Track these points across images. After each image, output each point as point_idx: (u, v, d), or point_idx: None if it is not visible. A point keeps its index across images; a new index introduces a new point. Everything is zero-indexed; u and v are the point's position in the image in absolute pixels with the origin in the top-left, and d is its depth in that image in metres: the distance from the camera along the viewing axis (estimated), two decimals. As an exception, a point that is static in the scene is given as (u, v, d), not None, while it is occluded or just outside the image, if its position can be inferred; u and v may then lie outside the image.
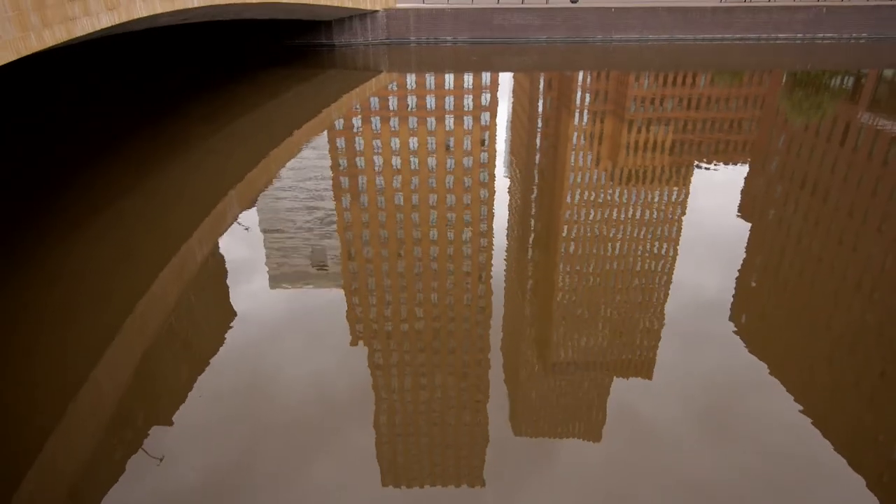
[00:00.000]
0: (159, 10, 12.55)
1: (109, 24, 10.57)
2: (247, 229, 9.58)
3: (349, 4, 27.48)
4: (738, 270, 7.99)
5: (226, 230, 9.62)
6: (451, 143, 14.39)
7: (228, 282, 7.95)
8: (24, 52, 8.07)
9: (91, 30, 9.92)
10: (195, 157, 13.64)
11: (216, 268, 8.46)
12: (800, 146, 14.51)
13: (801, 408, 5.35)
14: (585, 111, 18.86)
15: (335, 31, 30.34)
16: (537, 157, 13.59)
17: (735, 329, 6.61)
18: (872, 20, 31.33)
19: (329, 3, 25.23)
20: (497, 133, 15.64)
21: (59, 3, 8.81)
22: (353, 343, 6.47)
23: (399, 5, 32.50)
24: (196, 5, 14.48)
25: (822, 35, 31.41)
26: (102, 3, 10.31)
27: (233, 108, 18.44)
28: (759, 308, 7.14)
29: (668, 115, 17.67)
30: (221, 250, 8.98)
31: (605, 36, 31.41)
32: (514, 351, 6.38)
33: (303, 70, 25.57)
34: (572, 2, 34.84)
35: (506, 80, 24.25)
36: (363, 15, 30.17)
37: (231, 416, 5.31)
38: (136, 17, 11.51)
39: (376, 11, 30.47)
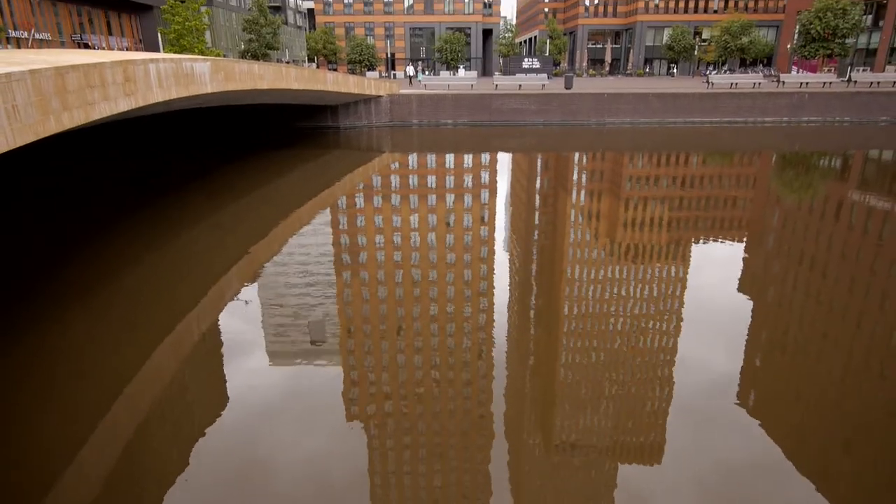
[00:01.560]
0: (174, 96, 13.17)
1: (127, 109, 11.07)
2: (246, 304, 9.54)
3: (355, 90, 28.94)
4: (744, 347, 7.87)
5: (226, 305, 9.59)
6: (452, 220, 14.64)
7: (225, 358, 7.81)
8: (43, 135, 8.39)
9: (108, 114, 10.37)
10: (200, 232, 13.84)
11: (213, 344, 8.35)
12: (794, 223, 14.76)
13: (820, 496, 5.09)
14: (582, 190, 19.35)
15: (341, 115, 31.73)
16: (536, 233, 13.79)
17: (744, 409, 6.42)
18: (853, 105, 32.86)
19: (336, 90, 26.58)
20: (496, 210, 15.97)
21: (80, 89, 9.27)
22: (350, 422, 6.26)
23: (402, 91, 34.22)
24: (209, 91, 15.23)
25: (806, 119, 32.82)
26: (121, 89, 10.84)
27: (240, 186, 18.95)
28: (768, 386, 6.97)
29: (664, 193, 18.12)
30: (220, 325, 8.90)
31: (598, 119, 32.82)
32: (517, 432, 6.16)
33: (309, 150, 26.52)
34: (567, 88, 36.68)
35: (504, 160, 25.08)
36: (368, 100, 31.68)
37: (221, 502, 5.05)
38: (151, 101, 12.07)
39: (380, 97, 32.03)
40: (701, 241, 13.07)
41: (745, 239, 13.39)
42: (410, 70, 51.94)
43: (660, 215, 15.20)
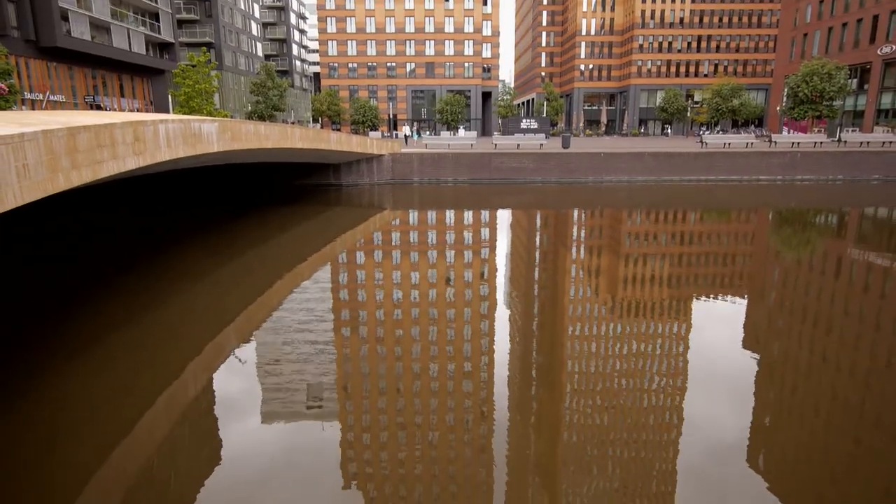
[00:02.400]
0: (181, 155, 13.49)
1: (134, 167, 11.31)
2: (242, 362, 9.39)
3: (357, 150, 29.66)
4: (752, 407, 7.68)
5: (222, 364, 9.44)
6: (452, 277, 14.65)
7: (219, 418, 7.62)
8: (51, 192, 8.53)
9: (116, 171, 10.58)
10: (199, 289, 13.81)
11: (207, 404, 8.16)
12: (795, 280, 14.75)
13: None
14: (582, 246, 19.47)
15: (343, 173, 32.37)
16: (537, 290, 13.75)
17: (755, 471, 6.19)
18: (845, 164, 33.58)
19: (339, 149, 27.25)
20: (497, 266, 16.00)
21: (90, 148, 9.51)
22: (346, 487, 6.03)
23: (403, 150, 35.06)
24: (216, 150, 15.61)
25: (800, 177, 33.45)
26: (130, 148, 11.12)
27: (241, 243, 19.08)
28: (779, 448, 6.75)
29: (663, 249, 18.21)
30: (215, 385, 8.73)
31: (596, 177, 33.45)
32: (521, 498, 5.92)
33: (310, 207, 26.89)
34: (564, 147, 37.60)
35: (504, 216, 25.38)
36: (370, 158, 32.41)
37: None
38: (159, 160, 12.35)
39: (382, 155, 32.79)
40: (703, 297, 13.02)
41: (746, 295, 13.35)
42: (407, 130, 53.54)
43: (660, 272, 15.22)
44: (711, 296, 13.09)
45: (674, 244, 19.23)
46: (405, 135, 52.13)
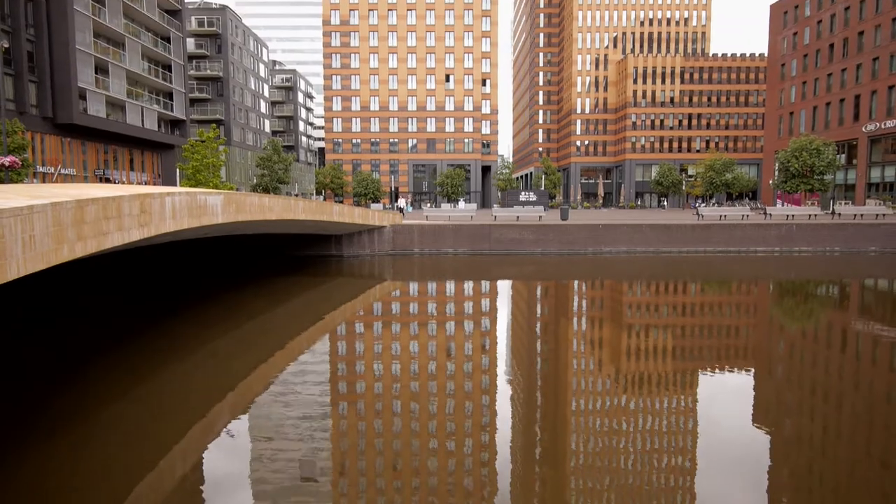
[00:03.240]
0: (185, 226, 13.69)
1: (139, 238, 11.45)
2: (233, 437, 9.07)
3: (359, 221, 30.13)
4: (766, 487, 7.33)
5: (213, 439, 9.11)
6: (452, 349, 14.44)
7: (207, 497, 7.25)
8: (54, 262, 8.59)
9: (120, 243, 10.70)
10: (195, 362, 13.57)
11: (195, 482, 7.80)
12: (801, 352, 14.52)
13: None
14: (583, 317, 19.33)
15: (344, 244, 32.70)
16: (539, 362, 13.51)
17: (776, 561, 5.81)
18: (842, 236, 33.97)
19: (341, 221, 27.68)
20: (497, 338, 15.81)
21: (97, 220, 9.67)
22: (341, 577, 5.64)
23: (404, 222, 35.60)
24: (220, 221, 15.86)
25: (797, 249, 33.73)
26: (136, 219, 11.30)
27: (240, 314, 18.96)
28: (798, 534, 6.38)
29: (665, 320, 18.07)
30: (204, 461, 8.38)
31: (595, 249, 33.75)
32: (526, 588, 5.52)
33: (311, 278, 26.94)
34: (563, 219, 38.19)
35: (504, 287, 25.37)
36: (371, 230, 32.85)
37: None
38: (164, 231, 12.52)
39: (383, 227, 33.26)
40: (709, 370, 12.77)
41: (753, 368, 13.09)
42: (401, 202, 54.68)
43: (664, 343, 15.01)
44: (717, 369, 12.83)
45: (676, 315, 19.10)
46: (399, 207, 53.03)
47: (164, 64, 56.01)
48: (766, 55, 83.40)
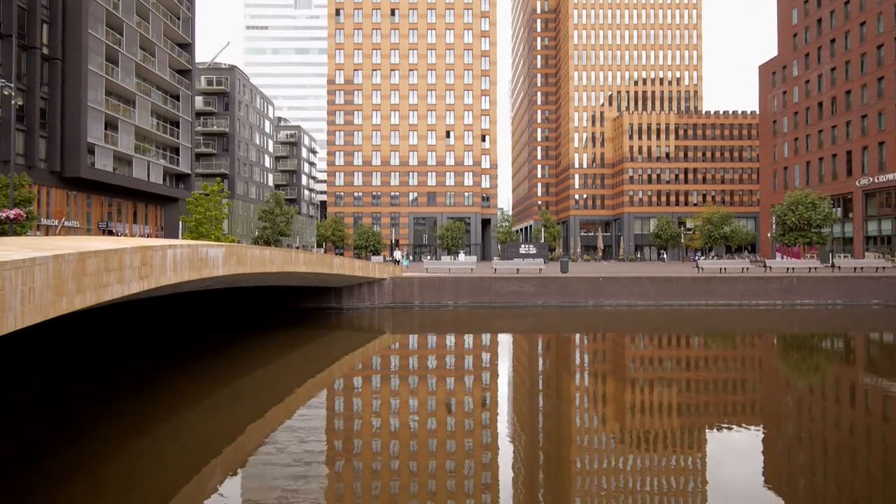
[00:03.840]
0: (186, 279, 13.68)
1: (138, 291, 11.41)
2: (226, 498, 8.72)
3: (359, 273, 30.14)
4: (782, 554, 6.99)
5: (209, 497, 8.76)
6: (453, 404, 14.12)
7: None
8: (51, 315, 8.52)
9: (119, 295, 10.66)
10: (189, 419, 13.24)
11: (186, 547, 7.44)
12: (810, 408, 14.19)
13: None
14: (586, 371, 19.00)
15: (344, 297, 32.59)
16: (541, 419, 13.18)
17: None
18: (843, 289, 33.89)
19: (341, 273, 27.70)
20: (498, 393, 15.48)
21: (98, 272, 9.67)
22: None
23: (404, 274, 35.61)
24: (220, 274, 15.86)
25: (799, 302, 33.58)
26: (137, 272, 11.31)
27: (238, 367, 18.66)
28: None
29: (669, 375, 17.75)
30: (196, 525, 8.03)
31: (596, 301, 33.60)
32: None
33: (310, 331, 26.69)
34: (563, 272, 38.22)
35: (505, 341, 25.09)
36: (371, 282, 32.82)
37: None
38: (164, 283, 12.49)
39: (384, 279, 33.25)
40: (716, 427, 12.43)
41: (761, 425, 12.75)
42: (397, 255, 54.78)
43: (668, 399, 14.69)
44: (725, 426, 12.50)
45: (680, 370, 18.78)
46: (395, 260, 52.96)
47: (172, 120, 57.59)
48: (757, 112, 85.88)
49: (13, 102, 27.95)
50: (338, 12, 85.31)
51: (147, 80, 53.17)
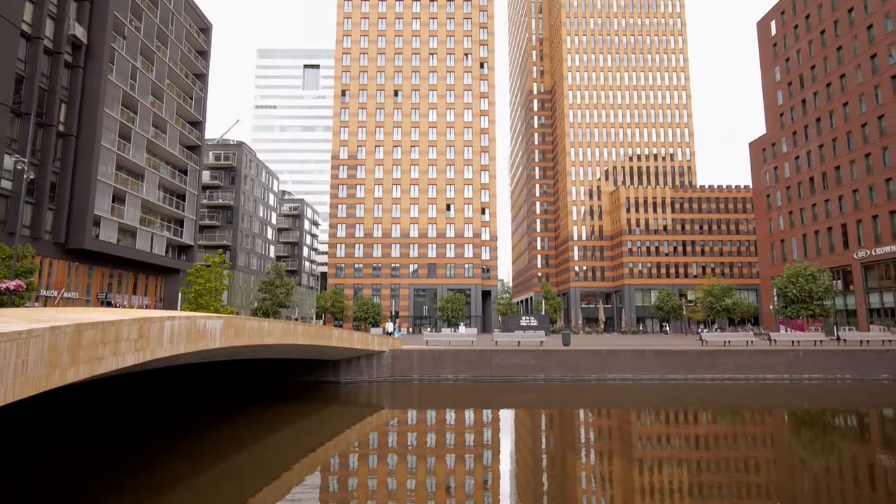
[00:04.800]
0: (182, 351, 13.47)
1: (133, 363, 11.20)
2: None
3: (358, 346, 29.71)
4: None
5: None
6: (453, 485, 13.47)
7: None
8: (43, 389, 8.32)
9: (113, 368, 10.45)
10: (175, 500, 12.59)
11: None
12: (828, 489, 13.51)
13: None
14: (591, 450, 18.27)
15: (342, 369, 31.95)
16: (545, 501, 12.53)
17: None
18: (851, 363, 33.26)
19: (340, 345, 27.30)
20: (501, 473, 14.82)
21: (93, 344, 9.54)
22: None
23: (404, 347, 35.09)
24: (218, 346, 15.63)
25: (807, 376, 32.86)
26: (133, 344, 11.15)
27: (228, 445, 17.97)
28: None
29: (678, 454, 17.06)
30: None
31: (599, 375, 32.89)
32: None
33: (306, 405, 25.93)
34: (565, 344, 37.68)
35: (507, 417, 24.32)
36: (370, 355, 32.28)
37: None
38: (159, 356, 12.29)
39: (383, 352, 32.72)
40: (730, 511, 11.79)
41: (778, 509, 12.10)
42: (390, 326, 54.20)
43: (679, 480, 14.03)
44: (740, 509, 11.86)
45: (689, 449, 18.08)
46: (387, 331, 52.23)
47: (178, 193, 58.92)
48: (750, 186, 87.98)
49: (25, 177, 28.71)
50: (343, 93, 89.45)
51: (157, 155, 54.91)
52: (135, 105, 50.06)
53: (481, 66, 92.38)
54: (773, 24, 70.94)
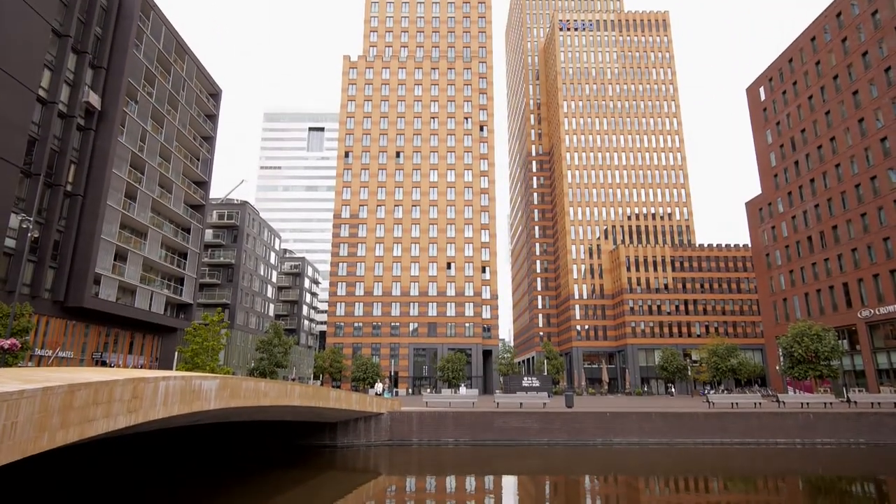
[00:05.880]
0: (176, 413, 13.09)
1: (125, 426, 10.85)
2: None
3: (356, 408, 28.94)
4: None
5: None
6: (455, 558, 12.72)
7: None
8: (29, 453, 8.01)
9: (104, 431, 10.11)
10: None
11: None
12: (851, 566, 12.75)
13: None
14: (600, 520, 17.42)
15: (339, 433, 31.00)
16: (554, 577, 11.80)
17: None
18: (864, 426, 32.27)
19: (337, 407, 26.61)
20: (506, 545, 14.04)
21: (85, 406, 9.26)
22: None
23: (403, 408, 34.19)
24: (212, 408, 15.21)
25: (819, 440, 31.82)
26: (125, 405, 10.84)
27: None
28: None
29: (691, 525, 16.23)
30: None
31: (604, 438, 31.86)
32: None
33: (300, 472, 24.97)
34: (568, 406, 36.73)
35: (510, 484, 23.37)
36: (368, 417, 31.40)
37: None
38: (152, 418, 11.93)
39: (381, 414, 31.84)
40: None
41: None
42: (378, 387, 52.85)
43: (693, 553, 13.27)
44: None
45: (702, 518, 17.24)
46: (376, 392, 50.71)
47: (181, 252, 59.20)
48: (749, 245, 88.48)
49: (29, 235, 28.95)
50: (347, 154, 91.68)
51: (161, 213, 55.58)
52: (142, 166, 51.16)
53: (481, 128, 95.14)
54: (761, 90, 73.59)
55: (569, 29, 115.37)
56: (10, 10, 35.60)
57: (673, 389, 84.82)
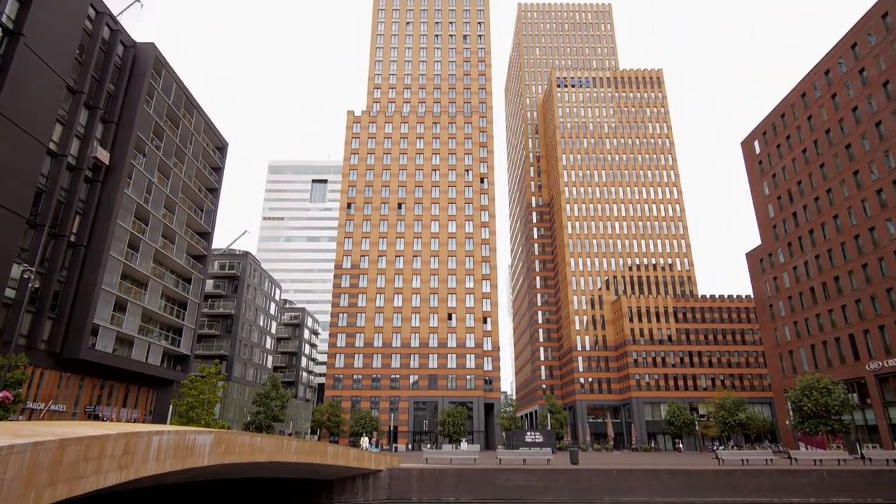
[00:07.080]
0: (168, 469, 12.66)
1: (115, 483, 10.46)
2: None
3: (355, 464, 28.03)
4: None
5: None
6: None
7: None
8: (12, 513, 7.67)
9: (93, 488, 9.74)
10: None
11: None
12: None
13: None
14: (609, 586, 16.50)
15: (336, 491, 29.91)
16: None
17: None
18: (882, 485, 31.09)
19: (335, 463, 25.77)
20: None
21: (75, 462, 8.96)
22: None
23: (403, 465, 33.11)
24: (206, 464, 14.73)
25: (836, 499, 30.60)
26: (116, 461, 10.49)
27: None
28: None
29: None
30: None
31: (612, 498, 30.68)
32: None
33: (297, 532, 23.90)
34: (573, 463, 35.55)
35: (515, 546, 22.28)
36: (366, 474, 30.37)
37: None
38: (143, 475, 11.52)
39: (380, 471, 30.81)
40: None
41: None
42: (364, 442, 51.22)
43: None
44: None
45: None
46: (364, 447, 49.16)
47: (180, 302, 58.94)
48: (751, 296, 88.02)
49: (30, 286, 28.89)
50: (349, 205, 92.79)
51: (163, 264, 55.69)
52: (147, 216, 51.68)
53: (481, 181, 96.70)
54: (756, 143, 75.18)
55: (566, 85, 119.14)
56: (29, 67, 36.90)
57: (681, 445, 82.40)
